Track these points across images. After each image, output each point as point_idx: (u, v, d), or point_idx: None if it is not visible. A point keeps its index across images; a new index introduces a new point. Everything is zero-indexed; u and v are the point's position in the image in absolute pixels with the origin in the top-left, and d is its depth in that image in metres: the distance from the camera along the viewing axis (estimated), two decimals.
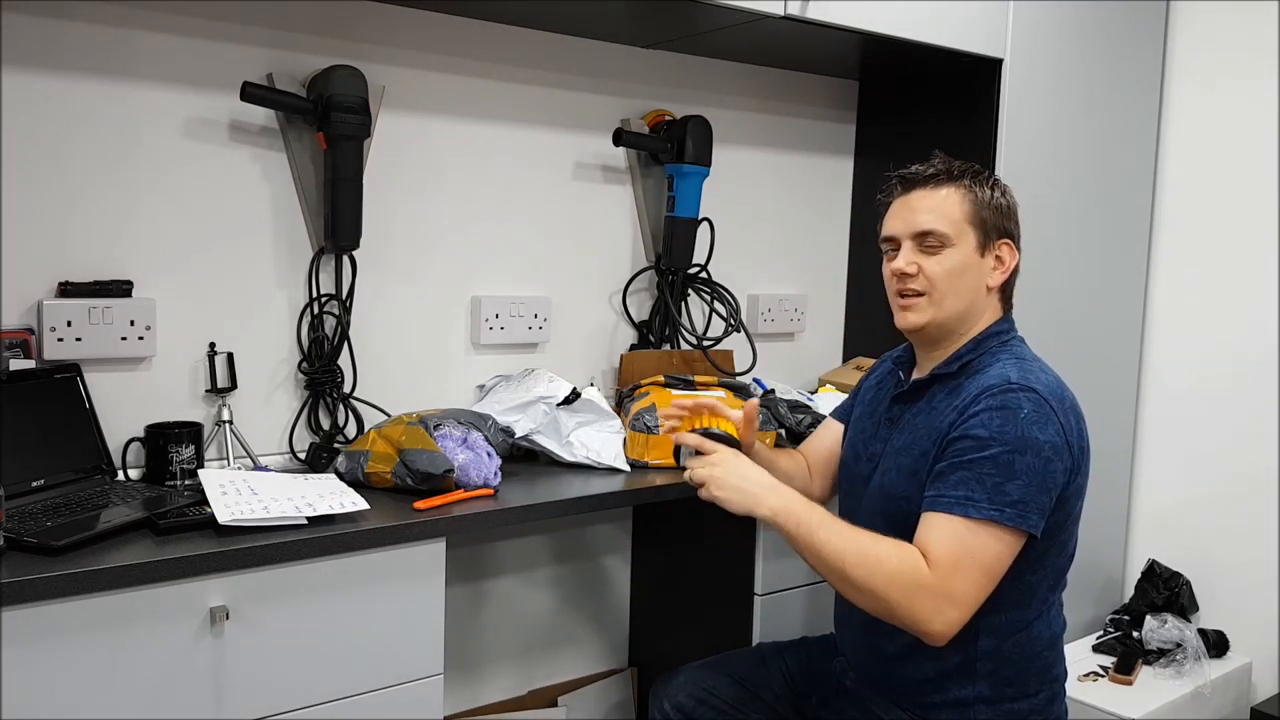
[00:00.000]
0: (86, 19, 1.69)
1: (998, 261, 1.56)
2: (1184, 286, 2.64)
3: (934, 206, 1.54)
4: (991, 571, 1.40)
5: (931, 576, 1.38)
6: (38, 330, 1.67)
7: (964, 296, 1.54)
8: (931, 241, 1.53)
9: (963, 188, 1.54)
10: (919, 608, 1.38)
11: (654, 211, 2.35)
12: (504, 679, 2.29)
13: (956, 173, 1.56)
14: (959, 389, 1.51)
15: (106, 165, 1.73)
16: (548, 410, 1.96)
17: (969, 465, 1.41)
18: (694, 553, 2.19)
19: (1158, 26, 2.60)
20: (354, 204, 1.87)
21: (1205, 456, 2.60)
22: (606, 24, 2.12)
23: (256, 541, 1.42)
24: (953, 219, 1.53)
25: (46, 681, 1.29)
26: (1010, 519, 1.39)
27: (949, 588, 1.38)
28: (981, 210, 1.54)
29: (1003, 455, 1.40)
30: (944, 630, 1.39)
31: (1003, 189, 1.58)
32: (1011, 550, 1.41)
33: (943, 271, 1.53)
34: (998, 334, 1.56)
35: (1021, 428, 1.40)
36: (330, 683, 1.51)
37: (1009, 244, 1.57)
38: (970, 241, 1.53)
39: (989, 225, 1.54)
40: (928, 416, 1.53)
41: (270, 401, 1.92)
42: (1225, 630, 2.51)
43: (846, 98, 2.66)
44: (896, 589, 1.38)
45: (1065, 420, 1.44)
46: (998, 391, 1.44)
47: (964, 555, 1.38)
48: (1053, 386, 1.47)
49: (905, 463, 1.52)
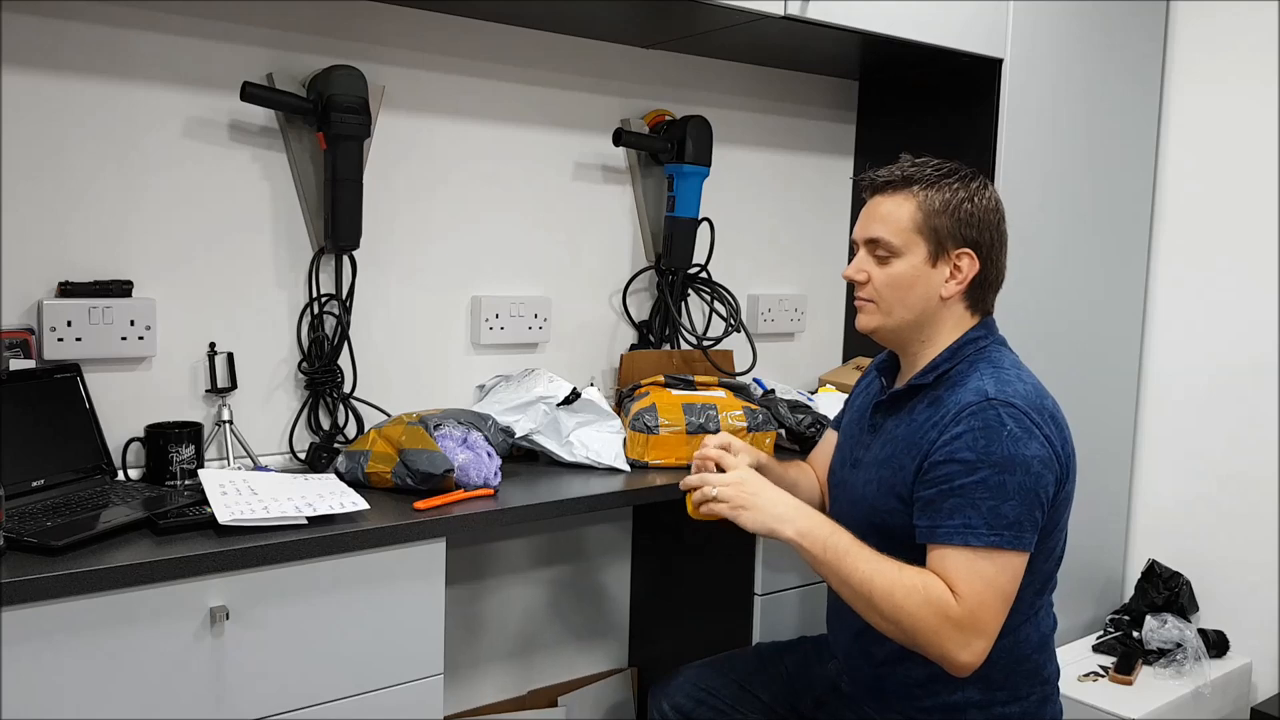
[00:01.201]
0: (86, 19, 1.69)
1: (955, 271, 1.51)
2: (1184, 286, 2.64)
3: (885, 215, 1.52)
4: (1007, 595, 1.40)
5: (958, 609, 1.37)
6: (38, 330, 1.67)
7: (912, 307, 1.52)
8: (881, 250, 1.52)
9: (917, 196, 1.50)
10: (947, 641, 1.38)
11: (654, 211, 2.35)
12: (504, 679, 2.29)
13: (917, 178, 1.51)
14: (938, 402, 1.49)
15: (106, 165, 1.73)
16: (548, 410, 1.96)
17: (960, 492, 1.40)
18: (694, 553, 2.19)
19: (1158, 26, 2.60)
20: (354, 204, 1.87)
21: (1205, 456, 2.60)
22: (606, 24, 2.12)
23: (256, 541, 1.42)
24: (900, 228, 1.50)
25: (46, 681, 1.29)
26: (1009, 542, 1.38)
27: (975, 620, 1.37)
28: (933, 219, 1.49)
29: (993, 478, 1.38)
30: (971, 661, 1.39)
31: (973, 193, 1.51)
32: (1018, 569, 1.40)
33: (888, 282, 1.52)
34: (974, 340, 1.53)
35: (1006, 446, 1.39)
36: (330, 683, 1.51)
37: (969, 253, 1.50)
38: (920, 252, 1.50)
39: (943, 234, 1.49)
40: (907, 429, 1.51)
41: (270, 401, 1.92)
42: (1225, 630, 2.51)
43: (846, 98, 2.66)
44: (924, 622, 1.38)
45: (1048, 431, 1.43)
46: (976, 409, 1.42)
47: (984, 586, 1.38)
48: (1030, 397, 1.45)
49: (885, 475, 1.51)
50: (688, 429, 1.95)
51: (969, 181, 1.53)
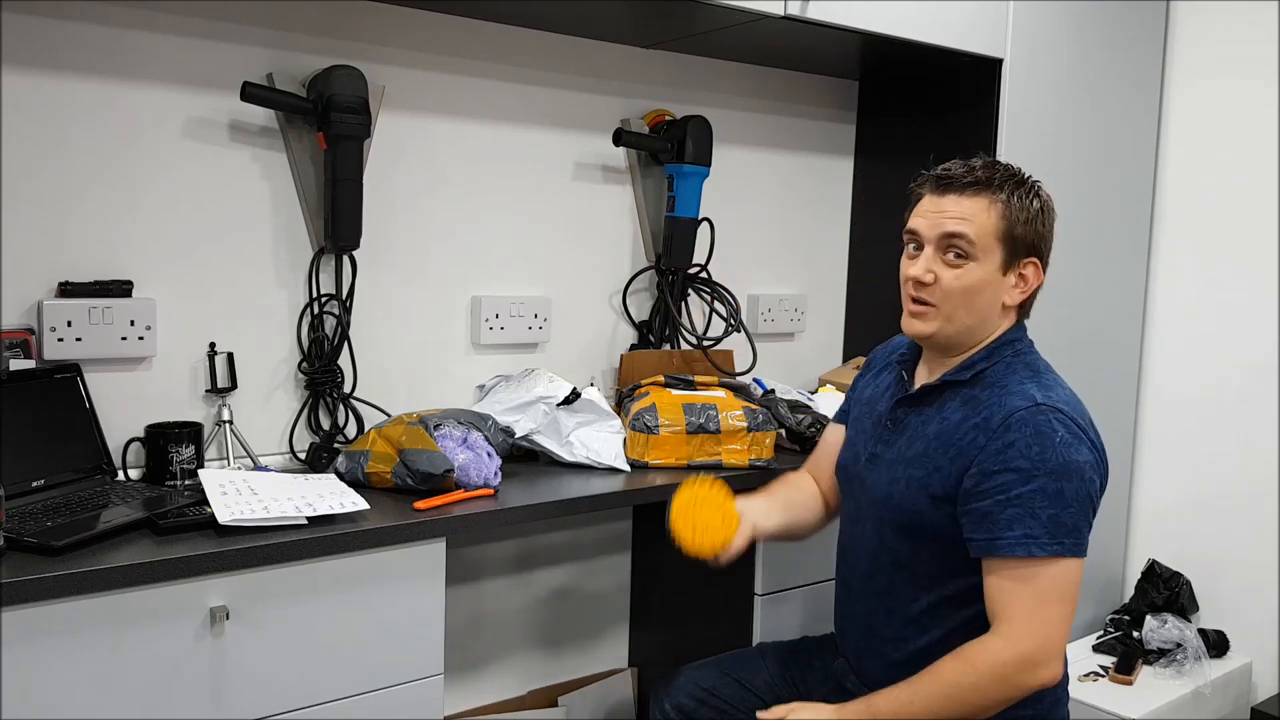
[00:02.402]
0: (86, 19, 1.69)
1: (1020, 280, 1.49)
2: (1184, 286, 2.64)
3: (966, 214, 1.45)
4: (1068, 600, 1.39)
5: (1004, 650, 1.38)
6: (38, 330, 1.67)
7: (977, 314, 1.48)
8: (956, 250, 1.46)
9: (1000, 200, 1.46)
10: (1018, 685, 1.38)
11: (654, 211, 2.35)
12: (504, 679, 2.29)
13: (998, 182, 1.46)
14: (975, 402, 1.47)
15: (107, 165, 1.73)
16: (548, 410, 1.96)
17: (1018, 501, 1.38)
18: None
19: (1158, 26, 2.60)
20: (354, 204, 1.87)
21: (1205, 456, 2.60)
22: (606, 24, 2.12)
23: (256, 541, 1.42)
24: (984, 231, 1.45)
25: (46, 681, 1.29)
26: (1070, 550, 1.38)
27: (1040, 645, 1.37)
28: (1015, 227, 1.46)
29: (1050, 485, 1.38)
30: (1051, 677, 1.39)
31: (1043, 200, 1.50)
32: (1077, 575, 1.40)
33: (960, 288, 1.47)
34: (1011, 342, 1.52)
35: (1060, 453, 1.38)
36: (330, 683, 1.51)
37: (1035, 264, 1.50)
38: (995, 259, 1.46)
39: (1019, 243, 1.47)
40: (940, 426, 1.49)
41: (270, 401, 1.92)
42: (1225, 630, 2.51)
43: (846, 98, 2.66)
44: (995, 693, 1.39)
45: (1092, 436, 1.44)
46: (1027, 415, 1.41)
47: (1037, 601, 1.37)
48: (1073, 403, 1.45)
49: (917, 475, 1.49)
50: (688, 429, 1.94)
51: (1040, 190, 1.50)
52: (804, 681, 1.73)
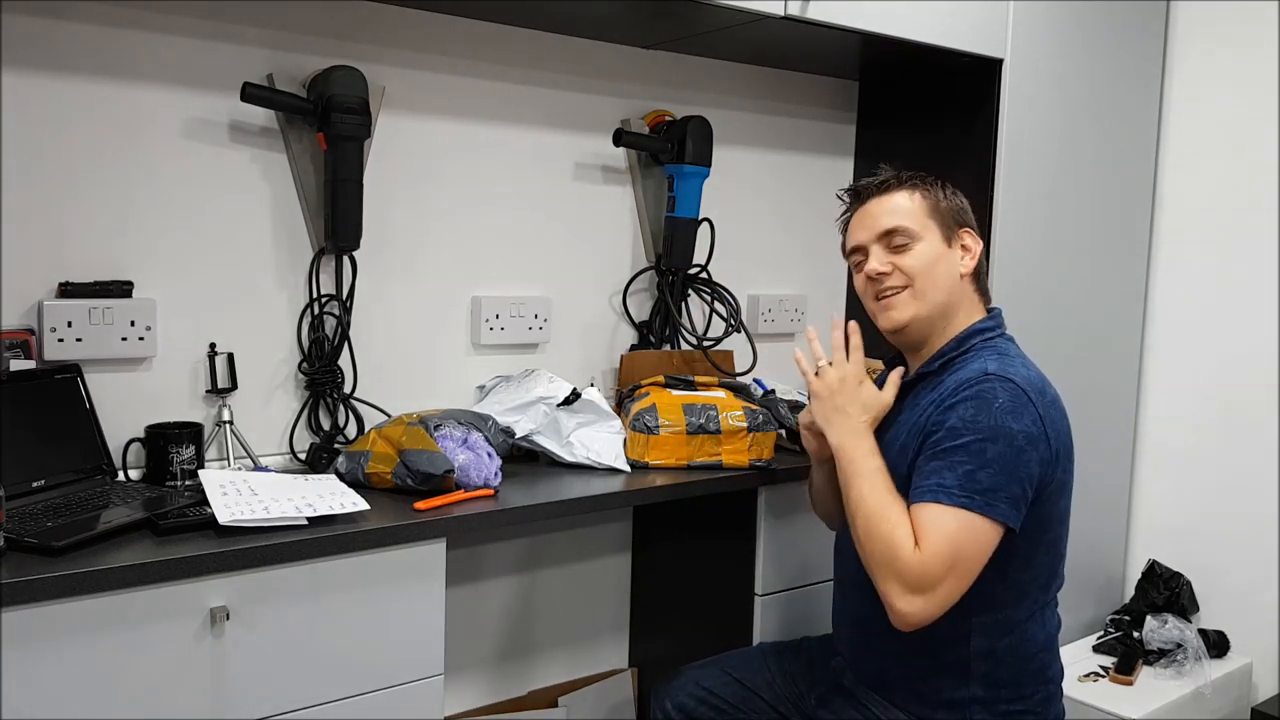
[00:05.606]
0: (86, 19, 1.69)
1: (964, 250, 1.60)
2: (1185, 286, 2.64)
3: (893, 208, 1.59)
4: (967, 559, 1.40)
5: (911, 558, 1.40)
6: (38, 330, 1.67)
7: (942, 287, 1.57)
8: (899, 239, 1.57)
9: (914, 189, 1.60)
10: (890, 582, 1.41)
11: (654, 211, 2.35)
12: (504, 679, 2.29)
13: (905, 178, 1.62)
14: (939, 384, 1.53)
15: (106, 165, 1.73)
16: (548, 411, 1.96)
17: (942, 454, 1.44)
18: (694, 553, 2.19)
19: (1158, 26, 2.60)
20: (354, 204, 1.87)
21: (1205, 457, 2.60)
22: (606, 24, 2.12)
23: (256, 542, 1.42)
24: (915, 214, 1.58)
25: (46, 681, 1.29)
26: (979, 506, 1.40)
27: (925, 573, 1.39)
28: (939, 204, 1.60)
29: (975, 443, 1.41)
30: (908, 613, 1.41)
31: (952, 189, 1.63)
32: (985, 541, 1.41)
33: (918, 265, 1.56)
34: (982, 331, 1.58)
35: (995, 416, 1.42)
36: (330, 683, 1.51)
37: (970, 232, 1.62)
38: (935, 234, 1.58)
39: (947, 216, 1.60)
40: (910, 414, 1.56)
41: (270, 402, 1.92)
42: (1225, 630, 2.51)
43: (846, 98, 2.66)
44: (878, 555, 1.43)
45: (1044, 412, 1.45)
46: (973, 383, 1.46)
47: (944, 544, 1.39)
48: (1032, 380, 1.49)
49: (900, 469, 1.53)
50: (688, 429, 1.94)
51: (942, 180, 1.65)
52: (803, 680, 1.73)
